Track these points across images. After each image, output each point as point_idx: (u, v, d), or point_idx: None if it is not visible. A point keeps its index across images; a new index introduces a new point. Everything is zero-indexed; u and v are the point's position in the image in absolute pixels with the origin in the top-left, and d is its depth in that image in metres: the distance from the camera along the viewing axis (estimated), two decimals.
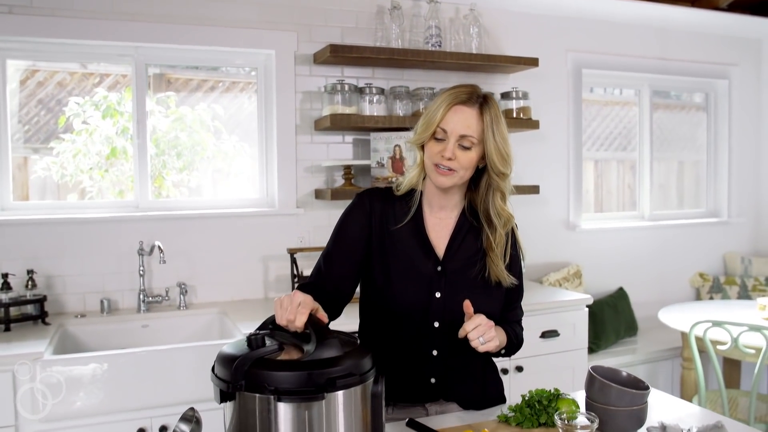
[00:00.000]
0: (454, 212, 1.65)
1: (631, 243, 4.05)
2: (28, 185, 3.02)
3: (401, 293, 1.58)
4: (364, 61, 3.18)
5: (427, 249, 1.61)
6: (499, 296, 1.64)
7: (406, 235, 1.61)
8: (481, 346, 1.45)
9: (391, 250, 1.60)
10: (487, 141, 1.51)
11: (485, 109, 1.52)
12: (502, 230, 1.60)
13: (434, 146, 1.54)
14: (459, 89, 1.54)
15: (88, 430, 2.24)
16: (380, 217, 1.62)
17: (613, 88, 4.24)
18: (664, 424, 1.44)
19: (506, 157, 1.53)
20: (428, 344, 1.60)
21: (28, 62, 2.94)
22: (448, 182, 1.54)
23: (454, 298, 1.57)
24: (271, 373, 1.14)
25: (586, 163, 4.12)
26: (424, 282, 1.58)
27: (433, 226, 1.64)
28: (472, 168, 1.55)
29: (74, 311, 2.82)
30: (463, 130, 1.50)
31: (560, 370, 3.02)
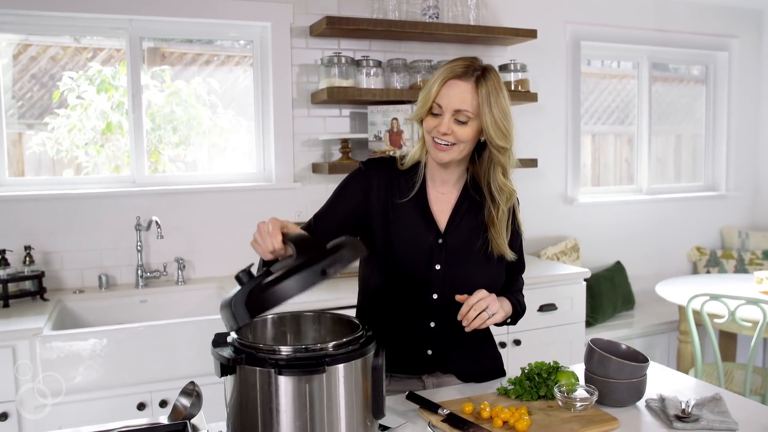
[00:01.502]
0: (456, 186, 1.64)
1: (629, 217, 4.05)
2: (24, 161, 2.99)
3: (402, 264, 1.59)
4: (361, 33, 3.14)
5: (429, 222, 1.61)
6: (500, 270, 1.64)
7: (410, 208, 1.61)
8: (489, 318, 1.47)
9: (394, 222, 1.60)
10: (483, 115, 1.48)
11: (481, 82, 1.49)
12: (505, 206, 1.59)
13: (431, 121, 1.54)
14: (456, 63, 1.52)
15: (89, 405, 2.25)
16: (385, 189, 1.61)
17: (611, 61, 4.21)
18: (663, 396, 1.45)
19: (505, 131, 1.51)
20: (426, 316, 1.61)
21: (20, 36, 2.89)
22: (446, 157, 1.54)
23: (453, 271, 1.58)
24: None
25: (583, 137, 4.10)
26: (424, 254, 1.58)
27: (436, 200, 1.64)
28: (471, 142, 1.53)
29: (73, 287, 2.82)
30: (457, 104, 1.49)
31: (558, 343, 3.03)
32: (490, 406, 1.38)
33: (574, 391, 1.43)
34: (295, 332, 1.36)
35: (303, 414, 1.14)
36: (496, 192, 1.58)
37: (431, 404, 1.41)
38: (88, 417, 2.23)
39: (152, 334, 2.33)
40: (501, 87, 1.52)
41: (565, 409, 1.41)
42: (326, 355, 1.13)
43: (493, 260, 1.61)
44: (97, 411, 2.25)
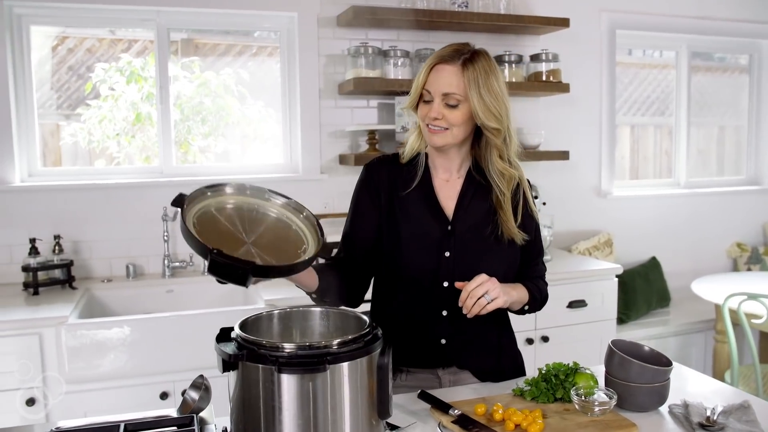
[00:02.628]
0: (460, 172, 1.63)
1: (666, 211, 3.92)
2: (61, 152, 3.05)
3: (411, 254, 1.58)
4: (389, 23, 3.09)
5: (436, 210, 1.60)
6: (514, 255, 1.61)
7: (415, 198, 1.60)
8: (487, 304, 1.43)
9: (401, 214, 1.60)
10: (471, 97, 1.48)
11: (468, 65, 1.48)
12: (506, 190, 1.57)
13: (423, 108, 1.54)
14: (444, 48, 1.53)
15: (113, 393, 2.28)
16: (387, 185, 1.62)
17: (653, 51, 4.07)
18: (687, 402, 1.38)
19: (496, 113, 1.50)
20: (438, 304, 1.58)
21: (58, 29, 2.94)
22: (440, 141, 1.53)
23: (463, 258, 1.57)
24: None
25: (622, 129, 3.99)
26: (433, 243, 1.57)
27: (441, 188, 1.63)
28: (464, 125, 1.52)
29: (101, 276, 2.86)
30: (444, 88, 1.49)
31: (587, 341, 2.96)
32: (503, 408, 1.34)
33: (592, 394, 1.38)
34: (302, 328, 1.34)
35: (306, 412, 1.12)
36: (495, 176, 1.57)
37: (443, 404, 1.38)
38: (111, 405, 2.26)
39: (177, 324, 2.34)
40: (492, 69, 1.51)
41: (582, 413, 1.36)
42: (328, 353, 1.10)
43: (503, 245, 1.58)
44: (121, 399, 2.28)
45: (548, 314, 2.86)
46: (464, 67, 1.48)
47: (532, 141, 3.29)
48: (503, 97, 1.51)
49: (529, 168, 3.49)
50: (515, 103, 3.43)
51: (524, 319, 2.88)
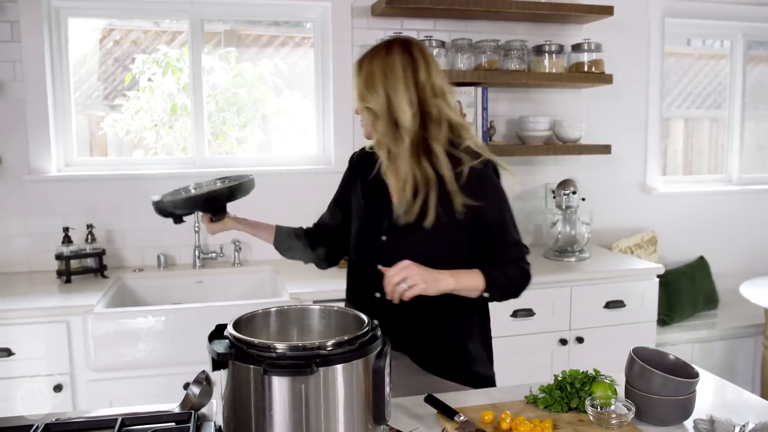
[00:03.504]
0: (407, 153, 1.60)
1: (716, 208, 3.72)
2: (106, 142, 3.11)
3: (356, 238, 1.69)
4: (424, 12, 3.02)
5: (384, 196, 1.65)
6: (460, 237, 1.58)
7: (372, 185, 1.67)
8: (405, 291, 1.43)
9: (356, 199, 1.72)
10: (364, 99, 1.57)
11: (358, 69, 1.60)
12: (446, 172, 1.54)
13: None
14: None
15: (138, 382, 2.30)
16: (357, 171, 1.76)
17: (712, 41, 3.86)
18: (714, 418, 1.28)
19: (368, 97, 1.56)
20: (372, 287, 1.61)
21: (105, 21, 2.99)
22: (365, 134, 1.65)
23: (398, 242, 1.59)
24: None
25: (675, 122, 3.81)
26: (374, 226, 1.64)
27: (394, 175, 1.63)
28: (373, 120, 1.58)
29: (133, 265, 2.89)
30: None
31: (625, 343, 2.79)
32: (512, 417, 1.27)
33: (608, 405, 1.29)
34: (301, 327, 1.30)
35: (297, 415, 1.08)
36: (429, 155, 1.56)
37: (449, 409, 1.32)
38: (136, 394, 2.27)
39: (204, 315, 2.34)
40: (365, 60, 1.59)
41: (597, 424, 1.28)
42: (318, 355, 1.06)
43: (444, 229, 1.55)
44: (146, 388, 2.30)
45: (583, 314, 2.77)
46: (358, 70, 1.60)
47: (572, 134, 3.17)
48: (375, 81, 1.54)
49: (569, 162, 3.37)
50: (556, 94, 3.34)
51: (558, 320, 2.80)
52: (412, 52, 1.56)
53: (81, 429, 1.24)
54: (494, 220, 1.59)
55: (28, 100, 2.74)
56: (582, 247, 3.05)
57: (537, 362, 2.73)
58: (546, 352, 2.76)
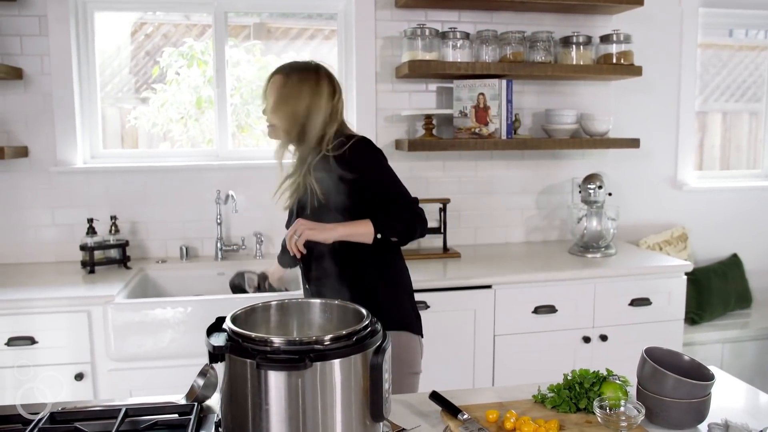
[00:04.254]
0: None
1: (750, 204, 3.60)
2: (137, 135, 3.15)
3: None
4: (449, 4, 2.98)
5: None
6: (340, 210, 1.84)
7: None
8: (297, 239, 1.77)
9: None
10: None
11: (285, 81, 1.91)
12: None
13: None
14: None
15: (158, 372, 2.32)
16: None
17: (756, 31, 3.73)
18: (729, 423, 1.23)
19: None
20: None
21: (136, 15, 3.02)
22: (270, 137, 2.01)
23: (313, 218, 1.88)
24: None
25: (712, 116, 3.69)
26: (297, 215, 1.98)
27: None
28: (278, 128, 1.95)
29: (156, 257, 2.93)
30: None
31: (650, 342, 2.71)
32: (516, 417, 1.24)
33: (618, 406, 1.25)
34: (301, 321, 1.29)
35: (293, 410, 1.07)
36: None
37: (453, 407, 1.30)
38: (156, 384, 2.30)
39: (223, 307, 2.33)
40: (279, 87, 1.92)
41: (605, 426, 1.24)
42: (312, 350, 1.04)
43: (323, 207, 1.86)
44: (165, 379, 2.32)
45: (608, 311, 2.71)
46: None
47: (599, 127, 3.10)
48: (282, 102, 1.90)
49: (596, 156, 3.30)
50: (583, 87, 3.26)
51: (581, 317, 2.74)
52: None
53: (86, 419, 1.25)
54: (374, 183, 1.86)
55: (54, 93, 2.79)
56: (608, 243, 2.98)
57: (559, 360, 2.68)
58: (568, 350, 2.71)
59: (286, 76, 1.89)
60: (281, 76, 1.90)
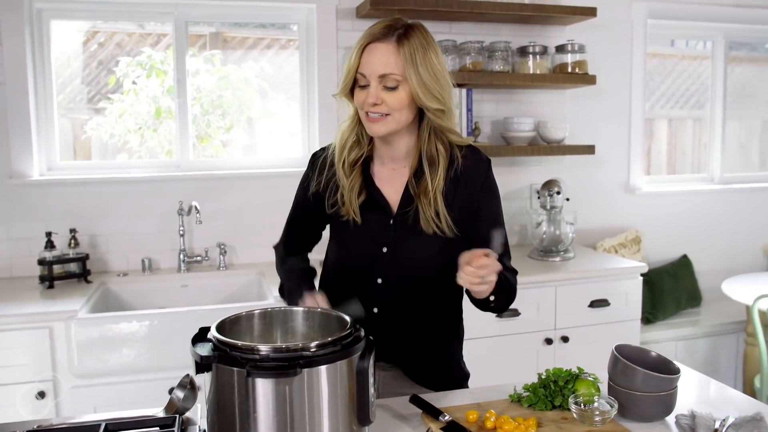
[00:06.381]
0: (407, 161, 1.50)
1: (699, 207, 3.76)
2: (90, 146, 3.08)
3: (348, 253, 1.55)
4: (408, 14, 2.98)
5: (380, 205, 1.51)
6: (459, 247, 1.41)
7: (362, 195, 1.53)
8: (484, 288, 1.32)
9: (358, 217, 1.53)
10: (409, 76, 1.35)
11: (404, 41, 1.35)
12: (444, 171, 1.44)
13: (360, 94, 1.41)
14: (374, 26, 1.41)
15: (123, 388, 2.28)
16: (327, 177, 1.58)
17: (696, 42, 3.90)
18: (695, 413, 1.30)
19: (437, 92, 1.38)
20: (369, 302, 1.49)
21: (88, 23, 2.97)
22: (383, 129, 1.41)
23: (400, 252, 1.48)
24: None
25: (658, 122, 3.85)
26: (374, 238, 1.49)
27: (388, 179, 1.51)
28: (407, 109, 1.40)
29: (117, 270, 2.87)
30: (381, 69, 1.36)
31: (609, 341, 2.80)
32: (496, 416, 1.28)
33: (591, 402, 1.30)
34: (284, 329, 1.30)
35: (281, 417, 1.07)
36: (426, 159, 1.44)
37: (434, 409, 1.32)
38: (121, 400, 2.26)
39: (189, 319, 2.33)
40: (429, 44, 1.39)
41: (581, 422, 1.29)
42: (301, 357, 1.06)
43: (448, 237, 1.45)
44: (131, 394, 2.28)
45: (568, 313, 2.79)
46: (399, 44, 1.35)
47: (556, 135, 3.19)
48: (444, 73, 1.41)
49: (552, 162, 3.39)
50: (540, 95, 3.35)
51: (543, 320, 2.81)
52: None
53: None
54: (493, 220, 1.50)
55: (9, 104, 2.72)
56: (567, 247, 3.07)
57: (522, 362, 2.74)
58: (531, 352, 2.77)
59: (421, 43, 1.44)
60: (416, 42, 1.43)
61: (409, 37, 1.37)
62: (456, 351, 1.63)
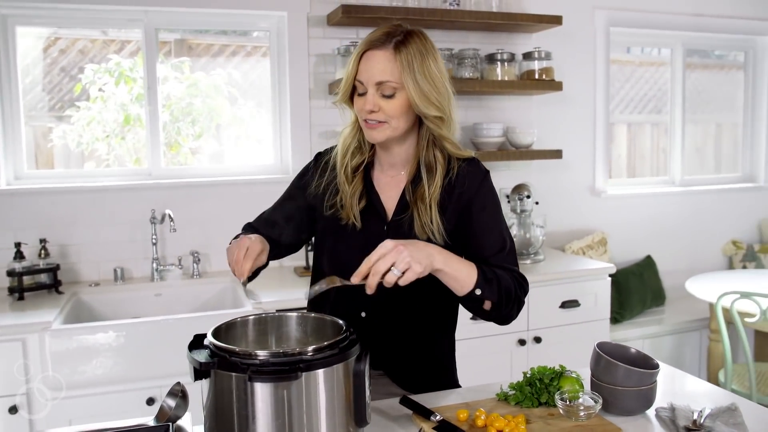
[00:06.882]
0: (405, 168, 1.51)
1: (661, 209, 3.89)
2: (53, 154, 3.02)
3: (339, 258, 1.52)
4: (379, 22, 3.05)
5: (376, 211, 1.51)
6: (452, 244, 1.45)
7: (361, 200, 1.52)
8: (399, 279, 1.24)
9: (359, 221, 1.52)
10: (407, 83, 1.35)
11: (401, 48, 1.35)
12: (441, 179, 1.44)
13: (358, 101, 1.41)
14: (374, 33, 1.41)
15: (98, 399, 2.25)
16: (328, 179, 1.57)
17: (651, 48, 4.04)
18: (674, 406, 1.35)
19: (435, 99, 1.37)
20: (358, 306, 1.50)
21: (49, 30, 2.91)
22: (381, 136, 1.41)
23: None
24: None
25: (618, 127, 3.96)
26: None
27: (386, 186, 1.52)
28: (405, 116, 1.39)
29: (88, 280, 2.83)
30: (378, 76, 1.36)
31: (580, 341, 2.93)
32: (486, 414, 1.31)
33: (576, 398, 1.35)
34: (278, 334, 1.31)
35: (280, 421, 1.09)
36: (424, 166, 1.45)
37: (424, 410, 1.35)
38: (97, 411, 2.23)
39: (164, 328, 2.31)
40: (428, 51, 1.38)
41: (567, 417, 1.33)
42: (301, 360, 1.07)
43: (444, 243, 1.43)
44: (107, 405, 2.25)
45: (541, 315, 2.85)
46: (397, 51, 1.35)
47: (524, 140, 3.26)
48: (443, 80, 1.40)
49: (522, 167, 3.46)
50: (508, 101, 3.43)
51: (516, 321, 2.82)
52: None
53: None
54: (492, 225, 1.49)
55: None
56: (537, 250, 3.13)
57: (497, 363, 2.79)
58: (505, 353, 2.83)
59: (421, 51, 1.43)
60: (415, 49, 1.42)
61: (407, 44, 1.36)
62: (447, 359, 1.63)
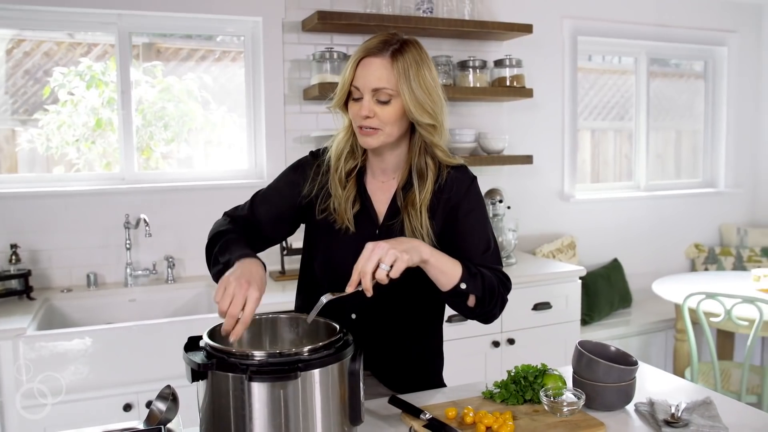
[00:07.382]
0: (396, 174, 1.53)
1: (627, 214, 4.01)
2: (17, 158, 2.96)
3: (331, 262, 1.53)
4: (354, 28, 3.09)
5: (368, 214, 1.52)
6: (440, 245, 1.48)
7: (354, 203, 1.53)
8: (385, 272, 1.26)
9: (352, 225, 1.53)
10: (402, 91, 1.38)
11: (398, 56, 1.38)
12: (432, 184, 1.47)
13: (353, 107, 1.43)
14: (370, 40, 1.43)
15: (74, 406, 2.22)
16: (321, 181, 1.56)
17: (612, 57, 4.16)
18: (653, 401, 1.41)
19: (429, 107, 1.41)
20: (349, 308, 1.51)
21: (13, 31, 2.86)
22: (374, 142, 1.42)
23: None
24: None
25: (582, 133, 4.06)
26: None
27: (377, 191, 1.54)
28: (398, 123, 1.42)
29: (60, 286, 2.78)
30: (374, 83, 1.38)
31: (552, 342, 3.00)
32: (474, 411, 1.35)
33: (560, 395, 1.39)
34: (271, 336, 1.32)
35: (277, 420, 1.10)
36: (415, 171, 1.47)
37: (414, 408, 1.38)
38: (73, 418, 2.19)
39: (139, 333, 2.30)
40: (423, 60, 1.41)
41: (552, 413, 1.37)
42: (299, 360, 1.09)
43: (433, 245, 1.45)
44: (83, 412, 2.22)
45: (514, 317, 2.91)
46: (394, 59, 1.38)
47: (496, 146, 3.33)
48: (437, 89, 1.43)
49: (493, 172, 3.53)
50: (479, 107, 3.49)
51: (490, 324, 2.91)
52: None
53: None
54: (481, 228, 1.52)
55: None
56: (509, 254, 3.19)
57: (471, 365, 2.83)
58: (479, 355, 2.87)
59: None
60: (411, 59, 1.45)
61: (404, 52, 1.39)
62: (434, 360, 1.66)
